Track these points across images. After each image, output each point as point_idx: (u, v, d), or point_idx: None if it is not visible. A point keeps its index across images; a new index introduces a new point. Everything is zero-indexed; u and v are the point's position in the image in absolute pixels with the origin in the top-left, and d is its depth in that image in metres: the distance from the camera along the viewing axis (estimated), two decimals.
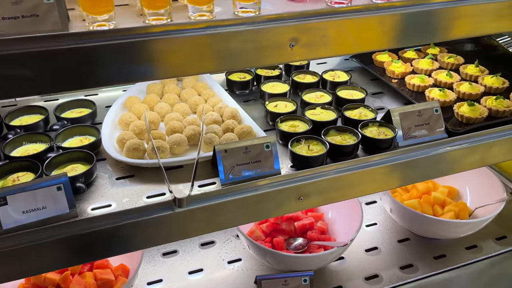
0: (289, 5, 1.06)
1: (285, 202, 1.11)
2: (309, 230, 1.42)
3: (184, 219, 1.01)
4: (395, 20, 1.02)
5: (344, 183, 1.15)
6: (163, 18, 0.94)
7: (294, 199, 1.12)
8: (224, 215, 1.06)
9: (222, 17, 0.97)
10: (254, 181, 1.07)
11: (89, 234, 0.95)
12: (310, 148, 1.16)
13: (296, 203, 1.12)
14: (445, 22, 1.05)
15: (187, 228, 1.03)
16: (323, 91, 1.44)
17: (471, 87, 1.45)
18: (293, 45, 0.97)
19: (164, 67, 0.89)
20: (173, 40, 0.87)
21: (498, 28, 1.13)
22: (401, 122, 1.24)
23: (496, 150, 1.28)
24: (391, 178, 1.20)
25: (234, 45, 0.91)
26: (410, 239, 1.52)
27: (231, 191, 1.05)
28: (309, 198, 1.13)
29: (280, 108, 1.35)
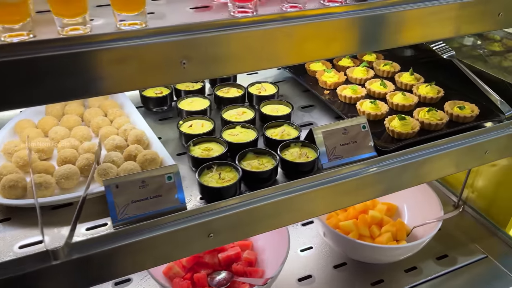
0: (190, 14, 0.92)
1: (192, 241, 0.96)
2: (234, 262, 1.28)
3: (64, 273, 0.85)
4: (305, 31, 0.90)
5: (261, 214, 1.01)
6: (23, 34, 0.77)
7: (203, 236, 0.97)
8: (117, 263, 0.90)
9: (100, 30, 0.82)
10: (153, 220, 0.92)
11: None
12: (222, 177, 1.02)
13: (206, 241, 0.97)
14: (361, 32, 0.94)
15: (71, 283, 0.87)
16: (246, 107, 1.30)
17: (404, 98, 1.36)
18: (184, 63, 0.83)
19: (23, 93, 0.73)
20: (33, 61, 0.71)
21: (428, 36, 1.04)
22: (325, 142, 1.12)
23: (429, 167, 1.18)
24: (315, 204, 1.07)
25: (108, 64, 0.76)
26: (347, 263, 1.41)
27: (125, 233, 0.90)
28: (221, 234, 0.98)
29: (195, 129, 1.20)
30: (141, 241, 0.91)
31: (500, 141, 1.26)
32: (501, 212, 1.52)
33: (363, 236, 1.38)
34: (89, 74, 0.75)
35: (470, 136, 1.23)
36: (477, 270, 1.40)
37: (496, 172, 1.53)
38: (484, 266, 1.41)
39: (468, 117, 1.27)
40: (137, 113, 1.27)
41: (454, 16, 1.02)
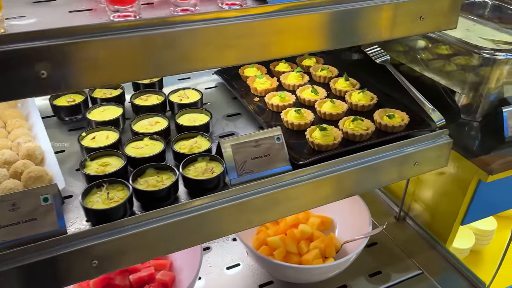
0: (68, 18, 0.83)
1: (72, 269, 0.87)
2: (147, 284, 1.19)
3: None
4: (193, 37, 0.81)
5: (155, 237, 0.92)
6: None
7: (86, 263, 0.88)
8: None
9: None
10: (24, 247, 0.83)
11: None
12: (110, 197, 0.92)
13: (89, 269, 0.88)
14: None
15: None
16: (160, 117, 1.21)
17: (333, 106, 1.27)
18: (43, 73, 0.73)
19: None
20: None
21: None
22: (234, 156, 1.03)
23: (350, 181, 1.10)
24: (221, 224, 0.98)
25: None
26: (274, 282, 1.32)
27: None
28: (106, 261, 0.89)
29: (98, 141, 1.10)
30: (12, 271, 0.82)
31: (430, 152, 1.18)
32: (441, 225, 1.44)
33: (290, 253, 1.30)
34: None
35: (397, 147, 1.15)
36: (411, 287, 1.32)
37: (437, 183, 1.46)
38: (419, 283, 1.33)
39: (397, 127, 1.19)
40: (40, 124, 1.17)
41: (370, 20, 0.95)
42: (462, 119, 1.43)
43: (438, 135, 1.19)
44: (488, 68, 1.34)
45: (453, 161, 1.34)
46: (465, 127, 1.40)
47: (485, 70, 1.36)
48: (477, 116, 1.41)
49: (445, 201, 1.42)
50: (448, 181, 1.40)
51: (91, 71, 0.76)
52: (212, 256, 1.40)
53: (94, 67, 0.76)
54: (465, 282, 1.34)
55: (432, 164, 1.21)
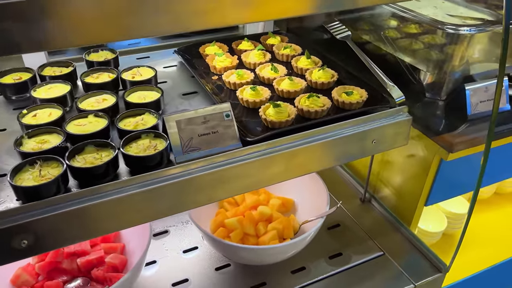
0: None
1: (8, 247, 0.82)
2: (95, 267, 1.14)
3: None
4: None
5: (91, 216, 0.87)
6: None
7: (16, 243, 0.83)
8: None
9: None
10: None
11: None
12: (42, 174, 0.87)
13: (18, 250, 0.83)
14: None
15: None
16: (108, 94, 1.16)
17: (291, 84, 1.23)
18: None
19: None
20: None
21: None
22: (179, 132, 0.98)
23: (303, 159, 1.05)
24: (164, 203, 0.94)
25: None
26: (231, 265, 1.28)
27: None
28: (38, 241, 0.84)
29: (39, 119, 1.05)
30: None
31: (388, 129, 1.14)
32: (406, 206, 1.42)
33: (247, 235, 1.26)
34: None
35: (354, 124, 1.11)
36: (371, 268, 1.29)
37: (401, 164, 1.43)
38: (379, 264, 1.30)
39: (355, 104, 1.15)
40: None
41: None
42: (427, 97, 1.40)
43: (397, 111, 1.15)
44: (452, 44, 1.31)
45: (415, 140, 1.31)
46: (430, 105, 1.37)
47: (449, 47, 1.32)
48: (442, 95, 1.38)
49: (409, 181, 1.39)
50: (411, 161, 1.37)
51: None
52: (169, 240, 1.36)
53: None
54: (426, 262, 1.31)
55: (390, 142, 1.17)
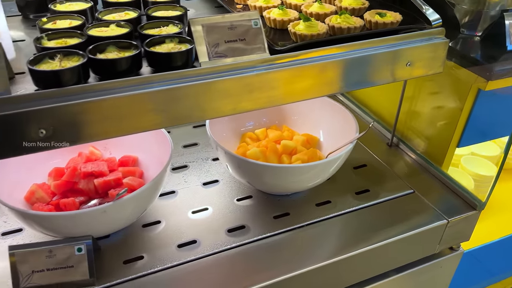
0: None
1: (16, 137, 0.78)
2: (113, 189, 1.10)
3: None
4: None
5: (110, 111, 0.83)
6: None
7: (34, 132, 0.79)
8: None
9: None
10: None
11: None
12: (62, 65, 0.83)
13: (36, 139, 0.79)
14: None
15: None
16: (131, 10, 1.11)
17: (321, 7, 1.17)
18: None
19: None
20: None
21: None
22: (205, 36, 0.93)
23: (334, 75, 1.00)
24: (187, 106, 0.89)
25: None
26: (253, 197, 1.23)
27: None
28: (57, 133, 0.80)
29: (59, 25, 1.01)
30: None
31: (424, 51, 1.07)
32: (437, 149, 1.34)
33: None
34: None
35: (388, 42, 1.04)
36: (400, 204, 1.22)
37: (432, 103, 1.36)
38: (409, 201, 1.23)
39: (389, 24, 1.09)
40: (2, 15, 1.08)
41: None
42: (462, 34, 1.32)
43: (433, 33, 1.08)
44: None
45: (450, 72, 1.24)
46: (466, 41, 1.30)
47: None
48: (478, 29, 1.31)
49: (441, 120, 1.32)
50: (444, 98, 1.29)
51: None
52: (189, 173, 1.31)
53: None
54: (459, 201, 1.24)
55: (426, 67, 1.10)
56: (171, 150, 1.09)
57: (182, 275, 1.01)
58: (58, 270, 0.92)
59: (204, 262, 1.04)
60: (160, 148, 1.15)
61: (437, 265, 1.25)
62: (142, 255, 1.04)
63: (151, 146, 1.20)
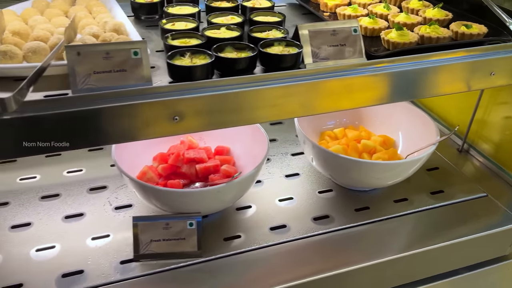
0: None
1: (155, 121, 0.91)
2: (212, 174, 1.22)
3: (15, 128, 0.81)
4: None
5: (233, 103, 0.95)
6: None
7: (168, 118, 0.92)
8: (72, 130, 0.86)
9: None
10: (114, 91, 0.88)
11: None
12: (193, 61, 0.96)
13: (170, 124, 0.92)
14: None
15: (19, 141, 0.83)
16: (235, 15, 1.24)
17: (407, 17, 1.26)
18: None
19: None
20: None
21: None
22: (311, 40, 1.04)
23: (423, 80, 1.08)
24: (293, 102, 1.00)
25: None
26: (333, 190, 1.33)
27: (80, 100, 0.85)
28: (187, 120, 0.92)
29: (177, 27, 1.15)
30: (101, 111, 0.86)
31: (509, 62, 1.15)
32: (509, 157, 1.40)
33: None
34: None
35: (474, 52, 1.12)
36: (473, 206, 1.29)
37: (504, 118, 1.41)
38: (482, 204, 1.30)
39: (475, 35, 1.17)
40: (121, 13, 1.22)
41: None
42: None
43: None
44: None
45: None
46: None
47: None
48: None
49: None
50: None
51: None
52: (271, 165, 1.43)
53: None
54: None
55: (508, 77, 1.17)
56: (267, 142, 1.21)
57: (274, 254, 1.12)
58: (172, 241, 1.05)
59: (294, 245, 1.14)
60: (254, 140, 1.27)
61: (507, 267, 1.31)
62: (240, 235, 1.16)
63: (243, 138, 1.32)
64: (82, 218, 1.20)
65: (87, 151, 1.45)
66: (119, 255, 1.08)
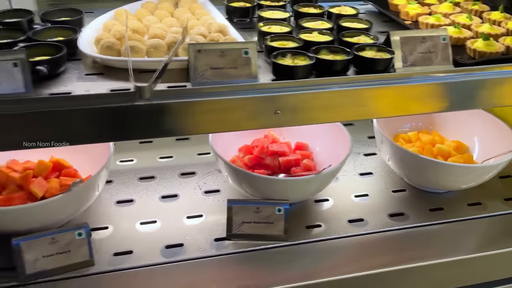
0: None
1: (260, 114, 1.02)
2: (294, 167, 1.32)
3: (147, 114, 0.94)
4: None
5: (329, 101, 1.04)
6: None
7: (270, 112, 1.02)
8: (191, 118, 0.98)
9: None
10: (227, 85, 0.99)
11: (43, 114, 0.89)
12: (295, 62, 1.06)
13: (272, 117, 1.02)
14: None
15: (151, 125, 0.95)
16: (324, 20, 1.33)
17: (491, 28, 1.30)
18: None
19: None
20: None
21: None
22: (402, 47, 1.12)
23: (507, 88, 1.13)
24: (382, 104, 1.08)
25: None
26: (406, 190, 1.39)
27: (199, 92, 0.97)
28: (287, 114, 1.02)
29: (274, 30, 1.25)
30: (215, 103, 0.98)
31: None
32: None
33: None
34: None
35: None
36: None
37: None
38: None
39: None
40: (221, 16, 1.35)
41: None
42: None
43: None
44: None
45: None
46: None
47: None
48: None
49: None
50: None
51: None
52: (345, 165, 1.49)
53: None
54: None
55: None
56: (350, 140, 1.29)
57: (352, 245, 1.21)
58: (261, 224, 1.16)
59: (371, 238, 1.22)
60: (335, 138, 1.36)
61: None
62: (320, 224, 1.26)
63: (322, 135, 1.41)
64: (177, 199, 1.33)
65: (175, 140, 1.59)
66: (213, 233, 1.20)
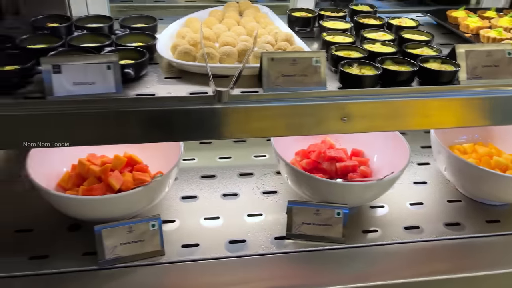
0: None
1: (327, 120, 1.07)
2: (351, 173, 1.36)
3: (223, 116, 1.01)
4: None
5: (393, 110, 1.08)
6: None
7: (337, 118, 1.07)
8: (262, 121, 1.04)
9: None
10: (298, 91, 1.05)
11: (129, 113, 0.97)
12: (362, 71, 1.11)
13: (339, 124, 1.07)
14: None
15: (225, 128, 1.03)
16: (385, 31, 1.37)
17: None
18: None
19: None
20: None
21: None
22: (466, 59, 1.14)
23: None
24: (445, 115, 1.10)
25: None
26: (462, 201, 1.41)
27: (272, 97, 1.04)
28: (353, 121, 1.07)
29: (337, 40, 1.31)
30: (285, 109, 1.04)
31: None
32: None
33: None
34: None
35: None
36: None
37: None
38: None
39: None
40: (284, 25, 1.41)
41: None
42: None
43: None
44: None
45: None
46: None
47: None
48: None
49: None
50: None
51: None
52: None
53: None
54: None
55: None
56: (409, 149, 1.32)
57: (408, 251, 1.24)
58: (321, 226, 1.20)
59: (427, 245, 1.25)
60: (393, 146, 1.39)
61: None
62: (376, 229, 1.29)
63: (378, 143, 1.45)
64: (237, 198, 1.40)
65: (232, 142, 1.66)
66: (273, 232, 1.26)
